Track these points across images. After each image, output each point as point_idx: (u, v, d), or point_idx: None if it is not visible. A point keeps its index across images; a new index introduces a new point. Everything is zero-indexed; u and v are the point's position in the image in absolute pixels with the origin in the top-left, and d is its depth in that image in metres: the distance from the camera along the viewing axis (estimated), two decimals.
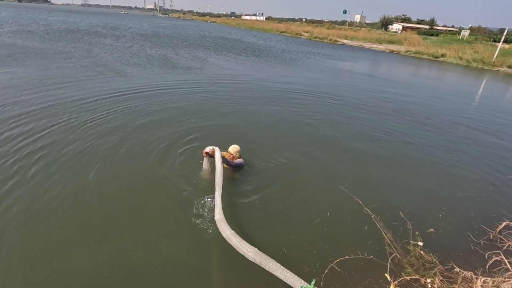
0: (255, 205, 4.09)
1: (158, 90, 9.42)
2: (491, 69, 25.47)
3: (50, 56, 13.45)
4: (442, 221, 4.20)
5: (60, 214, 3.60)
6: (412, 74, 20.27)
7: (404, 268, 3.25)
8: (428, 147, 6.85)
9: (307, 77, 14.49)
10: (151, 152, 5.29)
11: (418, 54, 32.48)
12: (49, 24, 31.36)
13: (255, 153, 5.58)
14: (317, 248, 3.41)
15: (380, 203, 4.39)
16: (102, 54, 15.17)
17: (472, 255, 3.58)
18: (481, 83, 18.31)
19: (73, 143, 5.35)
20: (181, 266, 3.06)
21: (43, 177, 4.28)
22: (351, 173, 5.27)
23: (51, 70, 10.62)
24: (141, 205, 3.94)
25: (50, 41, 18.09)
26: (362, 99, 10.97)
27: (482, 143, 7.48)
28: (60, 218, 3.54)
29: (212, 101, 8.80)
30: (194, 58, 17.10)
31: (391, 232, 3.79)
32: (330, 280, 2.99)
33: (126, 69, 12.20)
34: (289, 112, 8.44)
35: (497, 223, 4.20)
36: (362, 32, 55.04)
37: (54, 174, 4.37)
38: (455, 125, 8.76)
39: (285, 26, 63.71)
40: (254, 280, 2.94)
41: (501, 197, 5.01)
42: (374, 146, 6.61)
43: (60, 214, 3.59)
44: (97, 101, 7.76)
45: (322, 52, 28.89)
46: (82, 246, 3.17)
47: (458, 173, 5.70)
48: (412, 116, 9.20)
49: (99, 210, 3.74)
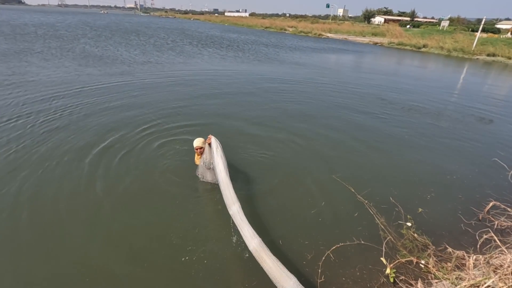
0: (249, 198, 4.04)
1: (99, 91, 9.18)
2: (471, 57, 26.18)
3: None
4: (432, 204, 4.27)
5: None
6: (396, 64, 20.59)
7: (399, 251, 3.28)
8: (412, 133, 6.95)
9: (294, 68, 14.49)
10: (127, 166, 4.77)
11: (401, 46, 33.05)
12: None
13: (242, 147, 5.54)
14: (314, 238, 3.40)
15: (371, 190, 4.43)
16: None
17: (463, 235, 3.66)
18: (462, 70, 18.81)
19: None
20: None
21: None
22: (342, 163, 5.30)
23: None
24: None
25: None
26: (347, 89, 11.06)
27: (465, 127, 7.66)
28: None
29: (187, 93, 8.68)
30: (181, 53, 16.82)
31: (383, 217, 3.82)
32: (328, 267, 2.99)
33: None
34: (272, 104, 8.41)
35: (484, 204, 4.30)
36: (345, 25, 55.59)
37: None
38: (439, 112, 8.94)
39: (270, 22, 63.59)
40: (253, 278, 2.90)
41: (485, 178, 5.13)
42: (361, 134, 6.68)
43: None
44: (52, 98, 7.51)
45: (321, 46, 28.99)
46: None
47: (443, 158, 5.82)
48: (396, 104, 9.34)
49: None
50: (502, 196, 4.55)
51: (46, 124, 6.01)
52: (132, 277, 2.78)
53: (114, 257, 2.99)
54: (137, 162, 4.82)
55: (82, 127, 5.98)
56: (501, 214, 4.03)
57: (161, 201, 3.91)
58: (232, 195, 3.14)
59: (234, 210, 2.97)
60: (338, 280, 2.87)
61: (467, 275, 2.85)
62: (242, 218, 2.88)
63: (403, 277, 2.89)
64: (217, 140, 3.95)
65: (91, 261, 2.93)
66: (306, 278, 2.84)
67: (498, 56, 25.56)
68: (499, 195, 4.56)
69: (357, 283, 2.85)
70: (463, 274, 2.88)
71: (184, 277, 2.82)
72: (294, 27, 52.82)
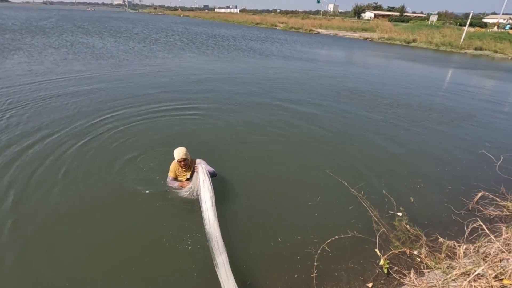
0: (240, 195, 4.05)
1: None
2: (459, 51, 26.64)
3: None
4: (423, 195, 4.36)
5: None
6: (386, 58, 20.80)
7: (392, 242, 3.35)
8: (400, 127, 7.07)
9: (286, 64, 14.50)
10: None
11: (391, 40, 33.37)
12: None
13: (230, 146, 5.54)
14: (308, 232, 3.44)
15: (364, 183, 4.50)
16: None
17: (454, 225, 3.75)
18: (450, 65, 19.12)
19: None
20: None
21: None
22: (333, 157, 5.35)
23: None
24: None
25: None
26: (337, 84, 11.14)
27: (452, 120, 7.82)
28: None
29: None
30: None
31: (377, 209, 3.89)
32: (323, 260, 3.03)
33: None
34: (257, 100, 8.43)
35: (473, 194, 4.41)
36: (336, 20, 55.68)
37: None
38: (425, 105, 9.10)
39: (260, 18, 63.26)
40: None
41: (473, 170, 5.26)
42: (349, 128, 6.79)
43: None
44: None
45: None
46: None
47: (431, 151, 5.93)
48: (385, 99, 9.45)
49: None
50: (490, 186, 4.67)
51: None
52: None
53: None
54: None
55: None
56: (490, 204, 4.15)
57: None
58: (220, 243, 2.77)
59: (220, 261, 2.63)
60: (334, 273, 2.92)
61: (457, 264, 2.93)
62: (228, 273, 2.54)
63: (396, 268, 2.96)
64: (205, 167, 3.60)
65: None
66: (302, 272, 2.88)
67: (485, 49, 26.07)
68: (487, 186, 4.68)
69: (352, 275, 2.90)
70: (454, 263, 2.96)
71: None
72: (284, 23, 52.70)
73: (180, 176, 3.92)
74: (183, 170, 3.88)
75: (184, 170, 3.88)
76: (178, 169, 3.88)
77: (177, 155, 3.71)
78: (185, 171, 3.90)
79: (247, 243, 3.23)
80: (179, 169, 3.88)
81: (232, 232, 3.34)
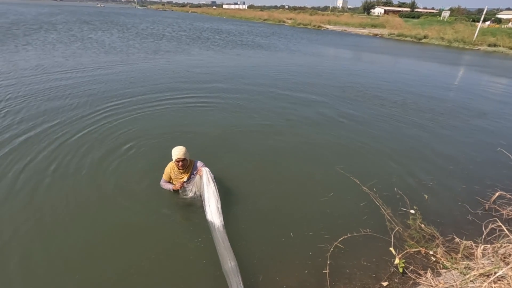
0: (254, 193, 4.00)
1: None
2: (472, 48, 26.01)
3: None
4: (437, 194, 4.24)
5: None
6: (396, 54, 20.44)
7: (406, 241, 3.26)
8: (411, 125, 6.90)
9: (294, 60, 14.36)
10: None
11: (401, 37, 32.77)
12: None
13: (238, 141, 5.48)
14: (320, 229, 3.37)
15: (376, 180, 4.40)
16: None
17: (470, 225, 3.64)
18: (461, 61, 18.69)
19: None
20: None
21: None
22: (343, 154, 5.27)
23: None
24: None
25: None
26: (346, 81, 10.97)
27: (464, 118, 7.62)
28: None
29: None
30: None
31: (389, 208, 3.80)
32: (335, 257, 2.97)
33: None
34: (264, 96, 8.36)
35: (489, 194, 4.27)
36: (344, 17, 55.00)
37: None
38: (437, 102, 8.89)
39: (268, 14, 62.91)
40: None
41: (489, 168, 5.10)
42: (359, 125, 6.65)
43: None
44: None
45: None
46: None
47: (443, 147, 5.78)
48: (396, 96, 9.27)
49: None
50: (508, 186, 4.52)
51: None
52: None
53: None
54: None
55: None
56: (508, 204, 4.01)
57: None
58: (228, 249, 2.67)
59: (229, 268, 2.55)
60: (346, 271, 2.85)
61: (476, 265, 2.83)
62: (239, 282, 2.45)
63: (412, 267, 2.88)
64: (209, 170, 3.38)
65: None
66: (315, 270, 2.83)
67: (499, 46, 25.38)
68: (504, 185, 4.53)
69: (365, 273, 2.84)
70: (472, 264, 2.86)
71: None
72: (292, 19, 52.25)
73: (176, 179, 3.60)
74: (180, 172, 3.55)
75: (182, 172, 3.56)
76: (175, 171, 3.56)
77: (176, 153, 3.38)
78: (182, 173, 3.57)
79: (258, 239, 3.19)
80: (176, 171, 3.55)
81: (242, 227, 3.31)
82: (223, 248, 2.75)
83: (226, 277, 2.54)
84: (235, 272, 2.53)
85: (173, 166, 3.56)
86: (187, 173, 3.59)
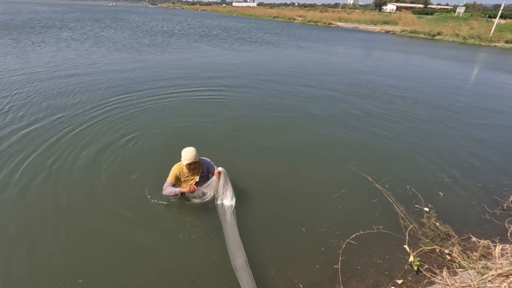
0: (266, 189, 3.96)
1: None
2: (488, 44, 25.23)
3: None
4: (451, 192, 4.13)
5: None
6: (409, 52, 20.01)
7: (420, 239, 3.18)
8: (425, 122, 6.74)
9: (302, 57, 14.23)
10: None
11: (414, 33, 32.06)
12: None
13: (248, 137, 5.45)
14: (333, 225, 3.33)
15: (389, 177, 4.32)
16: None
17: (488, 224, 3.52)
18: (478, 58, 18.16)
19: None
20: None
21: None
22: (355, 150, 5.19)
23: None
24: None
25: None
26: (358, 78, 10.80)
27: (482, 116, 7.40)
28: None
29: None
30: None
31: (403, 205, 3.72)
32: (347, 254, 2.92)
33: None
34: (272, 94, 8.29)
35: (506, 193, 4.13)
36: (355, 13, 54.18)
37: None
38: (452, 99, 8.67)
39: (277, 11, 62.52)
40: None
41: (504, 167, 4.93)
42: (371, 122, 6.53)
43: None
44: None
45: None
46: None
47: (458, 145, 5.64)
48: (410, 93, 9.07)
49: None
50: None
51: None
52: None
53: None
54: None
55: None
56: None
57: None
58: (239, 244, 2.72)
59: (239, 264, 2.57)
60: (358, 268, 2.81)
61: (494, 265, 2.75)
62: (249, 282, 2.42)
63: (426, 266, 2.81)
64: (225, 171, 3.30)
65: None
66: (327, 266, 2.79)
67: None
68: None
69: (378, 271, 2.78)
70: (490, 264, 2.78)
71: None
72: (302, 16, 51.78)
73: (187, 181, 3.36)
74: (190, 174, 3.35)
75: (192, 173, 3.35)
76: (184, 173, 3.34)
77: (188, 157, 3.13)
78: (193, 174, 3.36)
79: (270, 233, 3.18)
80: (186, 172, 3.34)
81: (254, 222, 3.30)
82: (234, 243, 2.75)
83: (236, 272, 2.54)
84: (246, 267, 2.54)
85: (181, 167, 3.33)
86: (197, 174, 3.41)
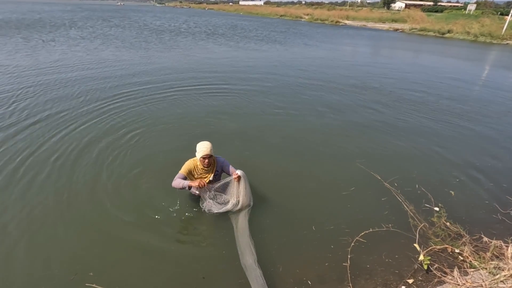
0: (275, 186, 3.96)
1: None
2: (499, 42, 24.71)
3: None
4: (462, 191, 4.06)
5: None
6: (419, 50, 19.72)
7: (430, 239, 3.15)
8: (435, 121, 6.63)
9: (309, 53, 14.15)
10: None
11: (424, 31, 31.57)
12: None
13: (257, 135, 5.45)
14: (342, 223, 3.32)
15: (398, 176, 4.27)
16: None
17: (500, 224, 3.46)
18: (489, 56, 17.80)
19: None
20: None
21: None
22: (363, 148, 5.15)
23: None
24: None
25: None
26: (368, 76, 10.70)
27: (493, 115, 7.25)
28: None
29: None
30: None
31: (412, 204, 3.68)
32: (356, 251, 2.91)
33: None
34: (283, 91, 8.27)
35: None
36: (363, 11, 53.60)
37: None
38: (462, 98, 8.52)
39: (284, 10, 62.23)
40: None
41: None
42: (380, 120, 6.49)
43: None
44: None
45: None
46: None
47: (468, 145, 5.55)
48: (420, 88, 8.95)
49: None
50: None
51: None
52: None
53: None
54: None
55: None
56: None
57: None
58: (249, 240, 2.74)
59: (248, 262, 2.57)
60: (367, 266, 2.79)
61: (506, 265, 2.70)
62: (258, 280, 2.42)
63: (437, 265, 2.77)
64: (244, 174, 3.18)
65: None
66: (335, 263, 2.78)
67: None
68: None
69: (387, 269, 2.76)
70: (502, 264, 2.73)
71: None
72: (310, 14, 51.44)
73: (201, 177, 3.24)
74: (204, 171, 3.21)
75: (206, 170, 3.21)
76: (198, 169, 3.20)
77: (204, 149, 3.03)
78: (207, 172, 3.23)
79: (280, 230, 3.18)
80: (200, 169, 3.20)
81: (264, 219, 3.30)
82: (244, 241, 2.77)
83: (245, 270, 2.56)
84: (255, 266, 2.55)
85: (195, 163, 3.20)
86: (212, 172, 3.27)
